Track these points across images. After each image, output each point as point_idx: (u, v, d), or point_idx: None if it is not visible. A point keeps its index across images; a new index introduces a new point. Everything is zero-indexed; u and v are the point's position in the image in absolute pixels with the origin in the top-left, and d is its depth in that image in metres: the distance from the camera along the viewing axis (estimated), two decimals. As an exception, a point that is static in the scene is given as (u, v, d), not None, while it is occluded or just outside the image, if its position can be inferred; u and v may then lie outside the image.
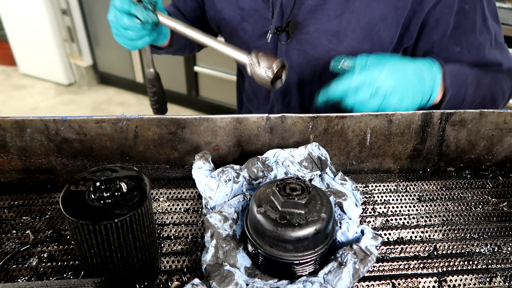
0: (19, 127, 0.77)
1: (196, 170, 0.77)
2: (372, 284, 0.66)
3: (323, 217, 0.62)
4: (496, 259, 0.72)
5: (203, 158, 0.79)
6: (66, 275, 0.67)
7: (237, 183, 0.76)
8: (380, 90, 0.81)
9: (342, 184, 0.77)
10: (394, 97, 0.82)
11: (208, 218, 0.69)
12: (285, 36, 1.01)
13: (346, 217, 0.71)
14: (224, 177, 0.75)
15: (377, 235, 0.67)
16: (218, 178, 0.75)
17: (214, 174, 0.76)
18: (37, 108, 3.44)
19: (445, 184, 0.87)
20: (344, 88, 0.84)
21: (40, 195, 0.80)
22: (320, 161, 0.80)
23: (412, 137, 0.85)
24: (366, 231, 0.68)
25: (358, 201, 0.75)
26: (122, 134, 0.80)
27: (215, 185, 0.75)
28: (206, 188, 0.75)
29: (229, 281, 0.60)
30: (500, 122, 0.85)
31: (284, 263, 0.62)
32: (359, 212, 0.74)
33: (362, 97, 0.82)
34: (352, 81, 0.83)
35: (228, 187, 0.75)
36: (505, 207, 0.82)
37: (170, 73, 3.10)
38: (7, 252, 0.69)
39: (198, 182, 0.76)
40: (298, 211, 0.62)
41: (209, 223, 0.68)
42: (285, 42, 1.01)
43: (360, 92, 0.82)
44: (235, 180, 0.76)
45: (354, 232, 0.69)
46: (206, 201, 0.75)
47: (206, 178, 0.76)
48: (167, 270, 0.68)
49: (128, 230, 0.56)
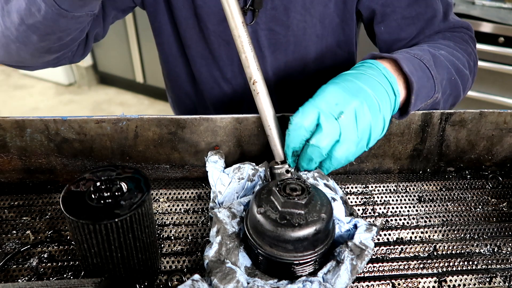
0: (19, 127, 0.77)
1: (211, 163, 0.78)
2: (372, 284, 0.66)
3: (323, 217, 0.62)
4: (496, 259, 0.72)
5: (218, 154, 0.80)
6: (66, 275, 0.67)
7: (251, 181, 0.76)
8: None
9: (310, 178, 0.75)
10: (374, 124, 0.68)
11: (216, 213, 0.69)
12: (250, 17, 0.93)
13: (335, 220, 0.71)
14: (238, 174, 0.76)
15: (371, 225, 0.67)
16: (232, 174, 0.76)
17: (228, 170, 0.76)
18: (37, 108, 3.44)
19: (445, 185, 0.87)
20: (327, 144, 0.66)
21: (40, 195, 0.80)
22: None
23: (412, 137, 0.85)
24: (359, 225, 0.68)
25: (331, 192, 0.72)
26: (122, 134, 0.80)
27: (228, 181, 0.75)
28: (218, 182, 0.75)
29: (231, 278, 0.60)
30: (500, 122, 0.85)
31: (284, 263, 0.62)
32: (341, 203, 0.71)
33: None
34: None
35: (240, 185, 0.75)
36: (505, 208, 0.82)
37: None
38: (7, 252, 0.69)
39: (211, 174, 0.77)
40: (298, 211, 0.62)
41: (217, 218, 0.68)
42: (250, 23, 0.93)
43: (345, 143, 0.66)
44: (250, 178, 0.76)
45: (346, 229, 0.70)
46: (215, 195, 0.75)
47: (220, 173, 0.76)
48: (167, 270, 0.68)
49: (128, 230, 0.56)
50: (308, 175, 0.75)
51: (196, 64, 1.05)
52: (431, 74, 0.76)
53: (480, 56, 2.00)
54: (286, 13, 0.94)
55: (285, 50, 1.00)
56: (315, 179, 0.75)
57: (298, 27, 0.95)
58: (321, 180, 0.75)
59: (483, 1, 2.04)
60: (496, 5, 2.02)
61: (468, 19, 1.94)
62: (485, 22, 1.93)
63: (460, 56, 0.90)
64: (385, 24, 0.96)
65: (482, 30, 1.95)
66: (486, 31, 1.95)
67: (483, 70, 2.04)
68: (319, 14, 0.96)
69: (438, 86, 0.78)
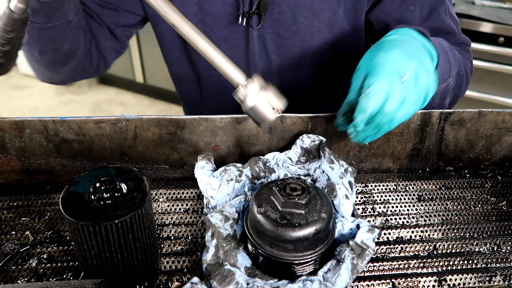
0: (18, 127, 0.77)
1: (199, 170, 0.77)
2: (372, 283, 0.66)
3: (323, 217, 0.62)
4: (496, 258, 0.72)
5: (205, 158, 0.79)
6: (66, 276, 0.67)
7: (239, 182, 0.76)
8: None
9: (332, 168, 0.76)
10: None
11: (209, 218, 0.69)
12: (256, 21, 0.92)
13: (339, 216, 0.71)
14: (226, 176, 0.75)
15: (373, 227, 0.67)
16: (220, 177, 0.76)
17: (216, 173, 0.76)
18: (37, 108, 3.44)
19: (444, 184, 0.87)
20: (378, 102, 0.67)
21: (39, 196, 0.80)
22: (315, 148, 0.80)
23: (411, 136, 0.85)
24: (361, 225, 0.68)
25: (348, 190, 0.74)
26: (121, 135, 0.80)
27: (217, 184, 0.75)
28: (208, 187, 0.75)
29: (230, 280, 0.60)
30: (499, 121, 0.85)
31: (284, 263, 0.62)
32: (352, 203, 0.73)
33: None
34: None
35: (230, 186, 0.75)
36: (504, 206, 0.82)
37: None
38: (6, 253, 0.69)
39: (200, 181, 0.76)
40: (298, 211, 0.62)
41: (210, 222, 0.68)
42: (257, 26, 0.92)
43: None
44: (237, 179, 0.76)
45: (349, 228, 0.70)
46: (207, 201, 0.75)
47: (208, 177, 0.76)
48: (167, 270, 0.68)
49: (128, 230, 0.56)
50: (335, 171, 0.75)
51: (204, 69, 1.05)
52: (448, 58, 0.80)
53: (480, 56, 2.01)
54: (293, 18, 0.93)
55: (291, 54, 0.99)
56: (342, 177, 0.75)
57: (306, 32, 0.94)
58: (346, 178, 0.75)
59: (483, 1, 2.04)
60: (496, 5, 2.02)
61: (468, 19, 1.95)
62: (485, 22, 1.93)
63: (465, 59, 0.93)
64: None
65: (482, 30, 1.95)
66: (486, 31, 1.95)
67: (483, 70, 2.04)
68: (328, 21, 0.94)
69: (452, 72, 0.81)
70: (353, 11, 0.94)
